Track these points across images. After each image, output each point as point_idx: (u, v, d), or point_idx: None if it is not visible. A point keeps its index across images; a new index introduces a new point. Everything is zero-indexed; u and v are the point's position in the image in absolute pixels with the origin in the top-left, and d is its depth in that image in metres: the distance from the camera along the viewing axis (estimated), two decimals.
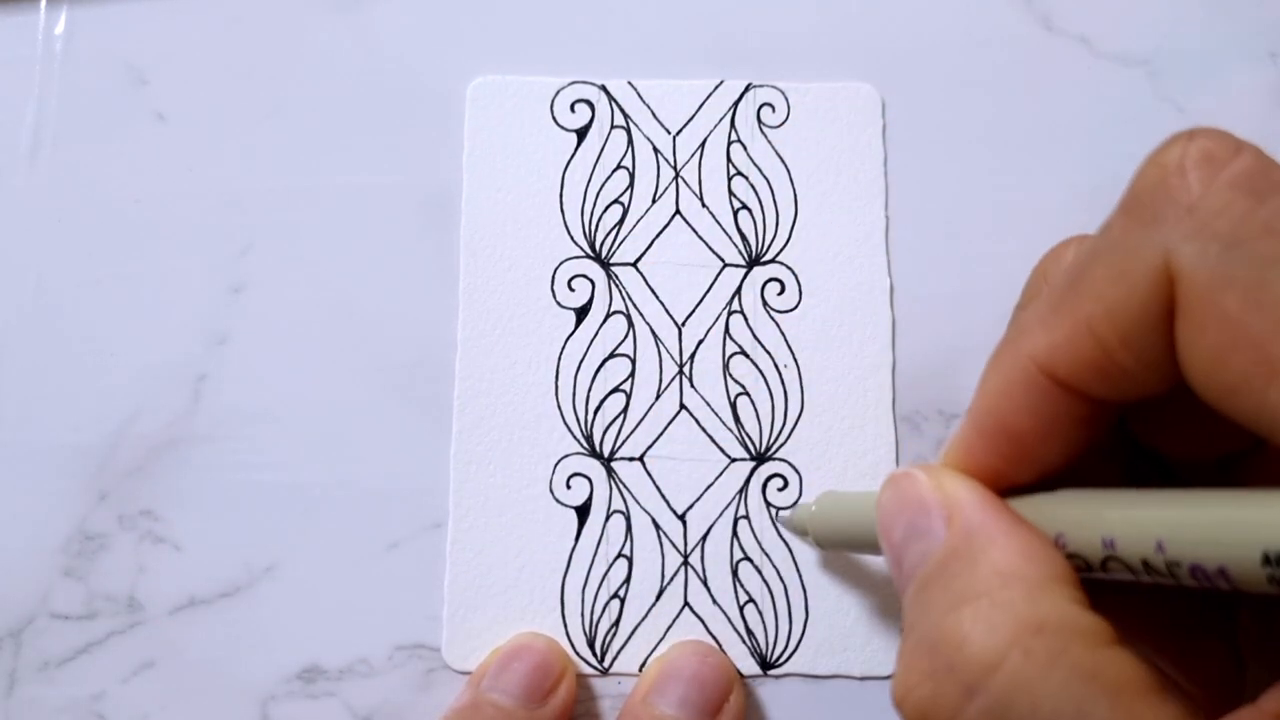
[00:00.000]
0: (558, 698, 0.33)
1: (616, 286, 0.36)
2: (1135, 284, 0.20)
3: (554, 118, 0.38)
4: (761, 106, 0.38)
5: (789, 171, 0.37)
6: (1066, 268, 0.23)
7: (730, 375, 0.36)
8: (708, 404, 0.36)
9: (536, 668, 0.33)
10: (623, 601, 0.34)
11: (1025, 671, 0.19)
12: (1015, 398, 0.23)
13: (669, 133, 0.38)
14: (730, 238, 0.37)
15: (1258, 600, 0.24)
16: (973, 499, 0.23)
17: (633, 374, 0.36)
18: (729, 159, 0.37)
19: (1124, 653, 0.20)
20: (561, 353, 0.36)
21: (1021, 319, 0.23)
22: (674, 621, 0.34)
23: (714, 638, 0.34)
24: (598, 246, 0.37)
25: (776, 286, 0.36)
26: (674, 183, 0.37)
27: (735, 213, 0.37)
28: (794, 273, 0.36)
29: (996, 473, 0.24)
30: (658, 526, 0.35)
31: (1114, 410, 0.23)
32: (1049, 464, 0.24)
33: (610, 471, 0.35)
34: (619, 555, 0.35)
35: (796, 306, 0.36)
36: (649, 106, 0.38)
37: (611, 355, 0.36)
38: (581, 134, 0.37)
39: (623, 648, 0.34)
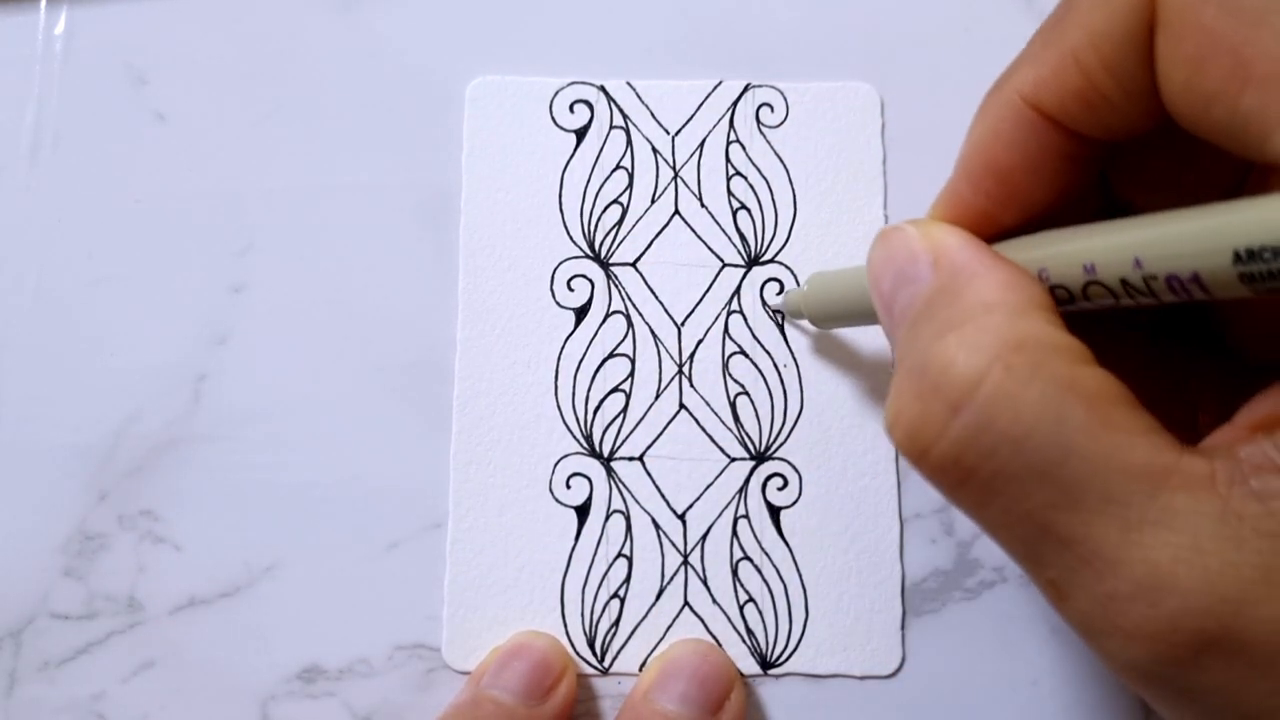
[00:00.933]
0: (558, 695, 0.32)
1: (616, 286, 0.36)
2: (1118, 7, 0.21)
3: (553, 118, 0.37)
4: (760, 106, 0.37)
5: (788, 171, 0.37)
6: (1055, 8, 0.23)
7: (730, 375, 0.35)
8: (707, 404, 0.35)
9: (537, 665, 0.32)
10: (622, 601, 0.34)
11: (1006, 385, 0.21)
12: (1003, 135, 0.24)
13: (668, 133, 0.37)
14: (729, 238, 0.36)
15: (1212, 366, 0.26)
16: (958, 242, 0.24)
17: (632, 374, 0.36)
18: (728, 159, 0.37)
19: (1100, 370, 0.21)
20: (561, 353, 0.36)
21: (1010, 65, 0.24)
22: (674, 621, 0.34)
23: (714, 637, 0.34)
24: (597, 246, 0.36)
25: (776, 286, 0.36)
26: (673, 183, 0.37)
27: (734, 213, 0.37)
28: (793, 272, 0.36)
29: (984, 215, 0.25)
30: (657, 526, 0.35)
31: (1098, 150, 0.24)
32: (1034, 204, 0.24)
33: (610, 471, 0.35)
34: (619, 555, 0.34)
35: None
36: (648, 107, 0.37)
37: (611, 355, 0.36)
38: (580, 134, 0.37)
39: (623, 647, 0.34)
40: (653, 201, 0.37)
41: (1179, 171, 0.23)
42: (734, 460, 0.35)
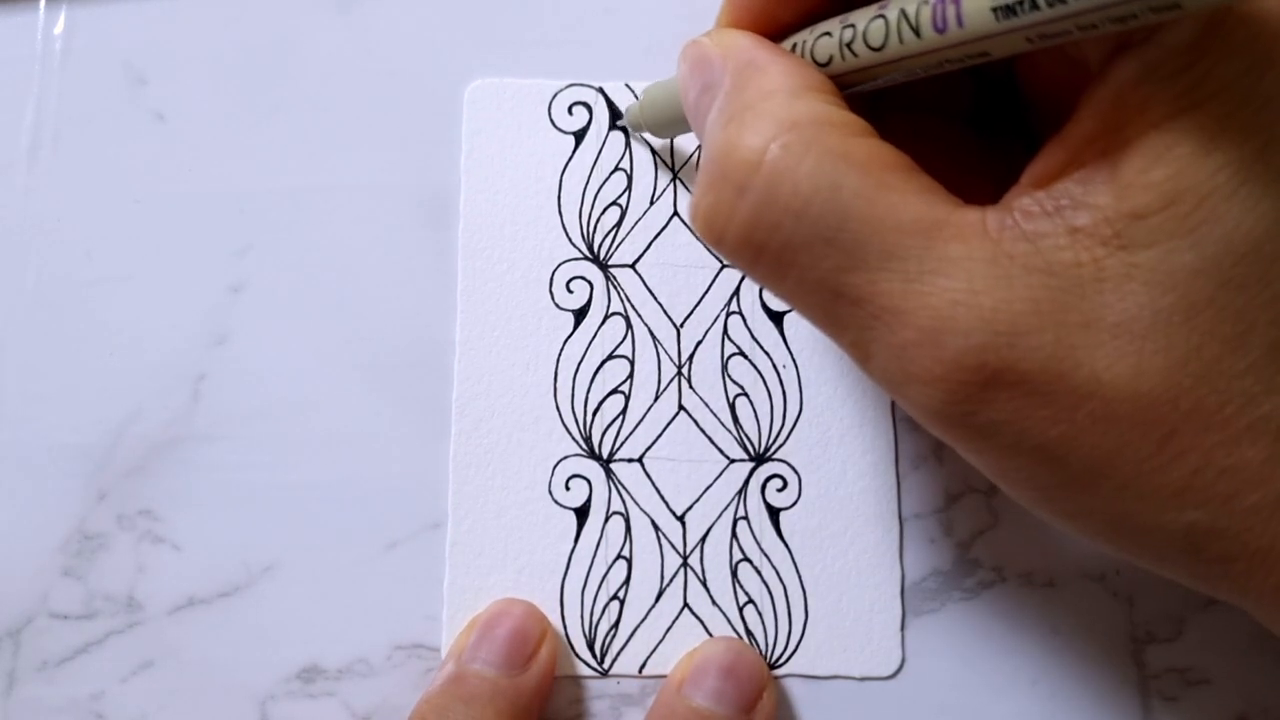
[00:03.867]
0: (539, 661, 0.32)
1: (615, 288, 0.35)
2: None
3: (552, 120, 0.36)
4: None
5: None
6: None
7: (729, 376, 0.35)
8: (706, 405, 0.34)
9: (515, 634, 0.32)
10: (622, 603, 0.33)
11: (783, 160, 0.21)
12: None
13: None
14: None
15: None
16: (746, 42, 0.25)
17: (631, 375, 0.35)
18: None
19: (876, 141, 0.22)
20: (560, 354, 0.35)
21: None
22: (674, 623, 0.33)
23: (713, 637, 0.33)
24: (596, 248, 0.35)
25: None
26: (672, 184, 0.36)
27: None
28: None
29: (763, 15, 0.26)
30: (657, 528, 0.34)
31: None
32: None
33: (609, 473, 0.34)
34: (618, 556, 0.34)
35: None
36: None
37: (610, 357, 0.35)
38: (579, 136, 0.36)
39: (622, 649, 0.33)
40: (651, 203, 0.36)
41: None
42: (733, 461, 0.34)
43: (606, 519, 0.34)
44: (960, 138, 0.29)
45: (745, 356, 0.35)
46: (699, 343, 0.35)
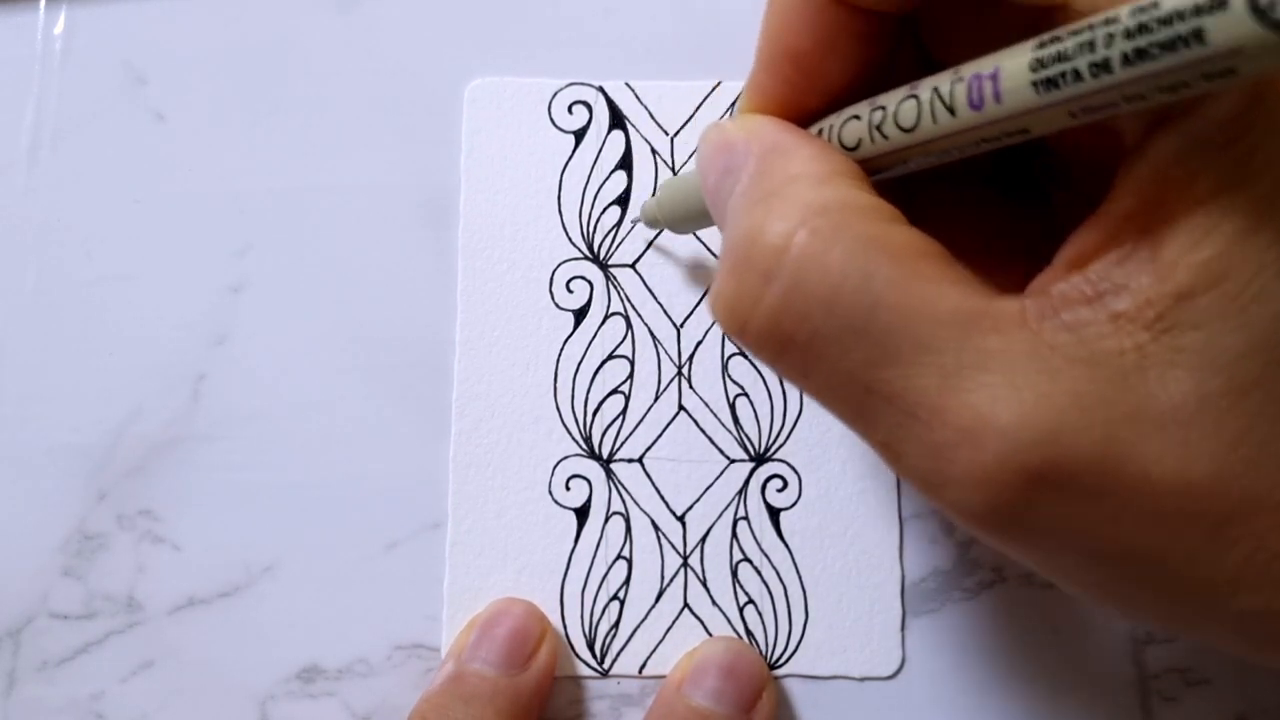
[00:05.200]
0: (539, 661, 0.32)
1: (615, 288, 0.35)
2: None
3: (552, 119, 0.36)
4: None
5: None
6: None
7: (729, 376, 0.34)
8: (706, 405, 0.34)
9: (515, 633, 0.32)
10: (622, 603, 0.33)
11: (812, 247, 0.20)
12: (793, 19, 0.23)
13: (667, 134, 0.36)
14: None
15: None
16: (770, 125, 0.24)
17: (631, 375, 0.34)
18: None
19: (908, 228, 0.21)
20: (560, 354, 0.34)
21: None
22: (674, 623, 0.33)
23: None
24: (596, 248, 0.35)
25: None
26: None
27: None
28: None
29: (789, 102, 0.24)
30: (657, 528, 0.33)
31: (891, 24, 0.23)
32: (835, 84, 0.24)
33: (609, 473, 0.34)
34: (618, 557, 0.33)
35: None
36: (646, 108, 0.36)
37: (610, 357, 0.34)
38: (579, 135, 0.36)
39: (623, 649, 0.33)
40: None
41: (982, 22, 0.22)
42: (733, 462, 0.34)
43: (606, 519, 0.33)
44: (979, 199, 0.27)
45: (745, 356, 0.34)
46: (699, 343, 0.34)
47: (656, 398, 0.34)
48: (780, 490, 0.33)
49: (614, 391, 0.34)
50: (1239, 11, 0.15)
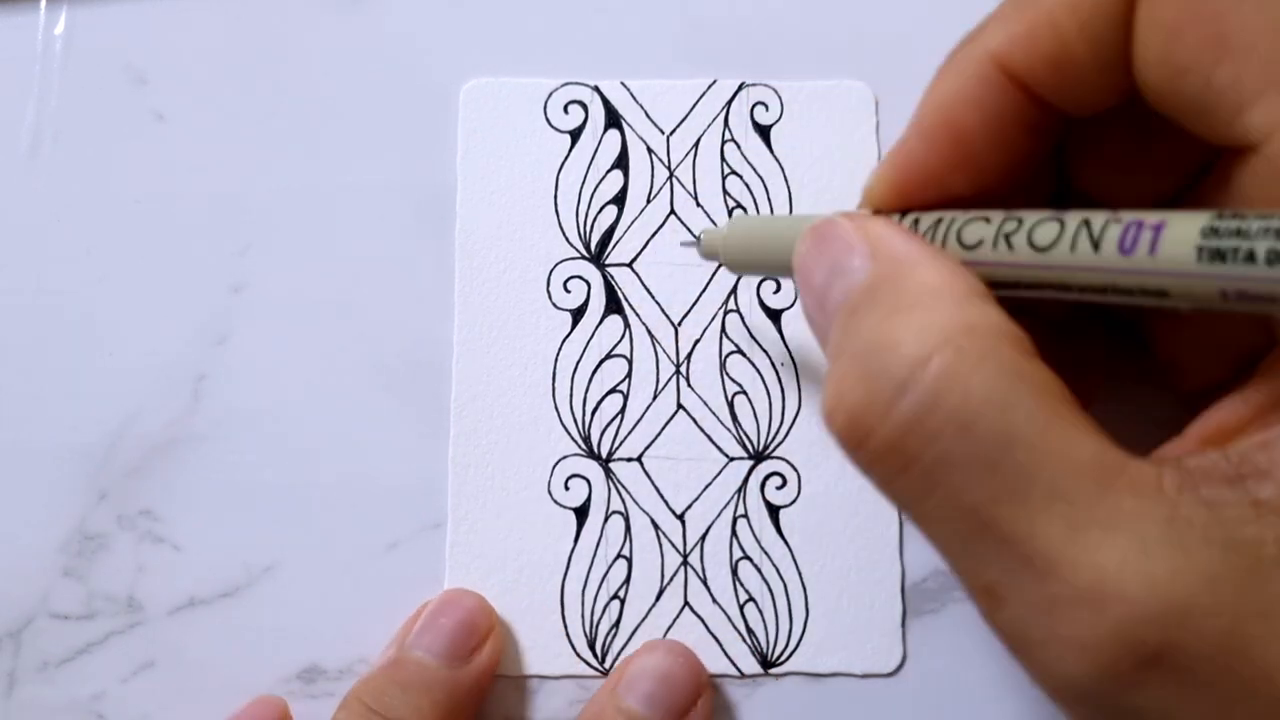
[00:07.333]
0: (481, 656, 0.31)
1: (612, 287, 0.34)
2: None
3: (547, 119, 0.35)
4: (755, 105, 0.35)
5: (783, 170, 0.35)
6: None
7: (727, 374, 0.33)
8: (705, 403, 0.33)
9: (460, 625, 0.31)
10: (623, 602, 0.32)
11: (956, 365, 0.19)
12: (966, 94, 0.22)
13: (662, 133, 0.35)
14: None
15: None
16: (895, 233, 0.22)
17: (630, 374, 0.33)
18: (723, 158, 0.35)
19: (1044, 364, 0.19)
20: (558, 354, 0.34)
21: (981, 24, 0.22)
22: (674, 621, 0.32)
23: (714, 637, 0.32)
24: (593, 247, 0.34)
25: (772, 285, 0.34)
26: (668, 183, 0.35)
27: (730, 212, 0.35)
28: None
29: (933, 177, 0.23)
30: (656, 527, 0.33)
31: (1060, 123, 0.22)
32: (988, 171, 0.22)
33: (608, 472, 0.33)
34: (618, 556, 0.32)
35: (793, 304, 0.34)
36: (642, 107, 0.35)
37: (608, 356, 0.34)
38: (575, 135, 0.35)
39: (623, 648, 0.32)
40: (648, 201, 0.35)
41: (1138, 156, 0.21)
42: (732, 460, 0.33)
43: (606, 518, 0.33)
44: (1056, 338, 0.26)
45: (744, 354, 0.33)
46: (697, 341, 0.34)
47: (655, 396, 0.33)
48: (780, 488, 0.33)
49: (612, 390, 0.33)
50: None
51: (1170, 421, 0.21)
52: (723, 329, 0.34)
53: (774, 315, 0.34)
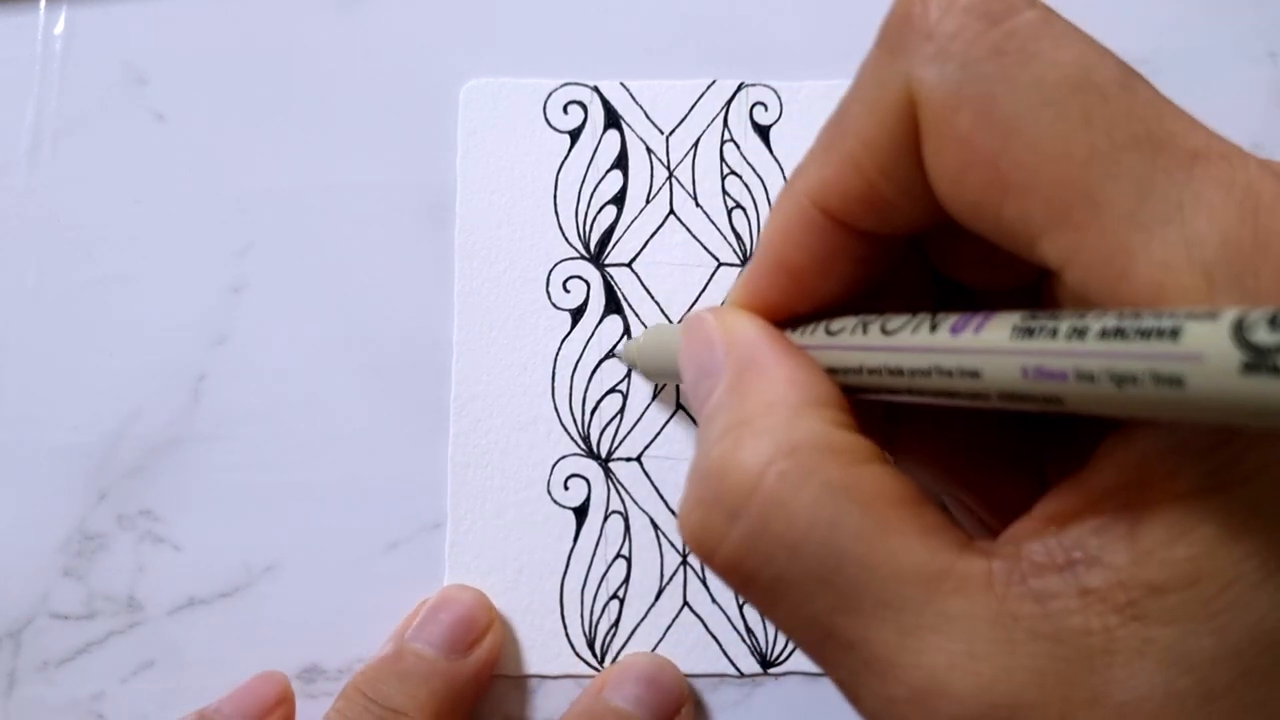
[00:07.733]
0: (481, 649, 0.31)
1: (612, 287, 0.34)
2: (885, 114, 0.20)
3: (547, 119, 0.35)
4: (754, 105, 0.35)
5: (783, 170, 0.35)
6: (836, 107, 0.22)
7: None
8: None
9: (460, 619, 0.31)
10: (622, 602, 0.32)
11: (779, 491, 0.19)
12: (792, 234, 0.22)
13: (662, 133, 0.35)
14: (725, 237, 0.34)
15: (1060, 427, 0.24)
16: (750, 334, 0.22)
17: (629, 374, 0.33)
18: (722, 158, 0.35)
19: (882, 469, 0.20)
20: (558, 354, 0.33)
21: (800, 163, 0.22)
22: (674, 621, 0.32)
23: (714, 637, 0.32)
24: (592, 247, 0.34)
25: None
26: (668, 183, 0.34)
27: (729, 212, 0.34)
28: None
29: (778, 307, 0.23)
30: (656, 526, 0.33)
31: (891, 243, 0.22)
32: (830, 297, 0.23)
33: (608, 472, 0.33)
34: (618, 555, 0.32)
35: None
36: (641, 107, 0.35)
37: (607, 356, 0.33)
38: (574, 135, 0.35)
39: (623, 648, 0.32)
40: (647, 202, 0.34)
41: (989, 250, 0.21)
42: None
43: (605, 518, 0.33)
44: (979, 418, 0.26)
45: None
46: None
47: (654, 396, 0.33)
48: None
49: (611, 390, 0.33)
50: (1220, 362, 0.14)
51: None
52: None
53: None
